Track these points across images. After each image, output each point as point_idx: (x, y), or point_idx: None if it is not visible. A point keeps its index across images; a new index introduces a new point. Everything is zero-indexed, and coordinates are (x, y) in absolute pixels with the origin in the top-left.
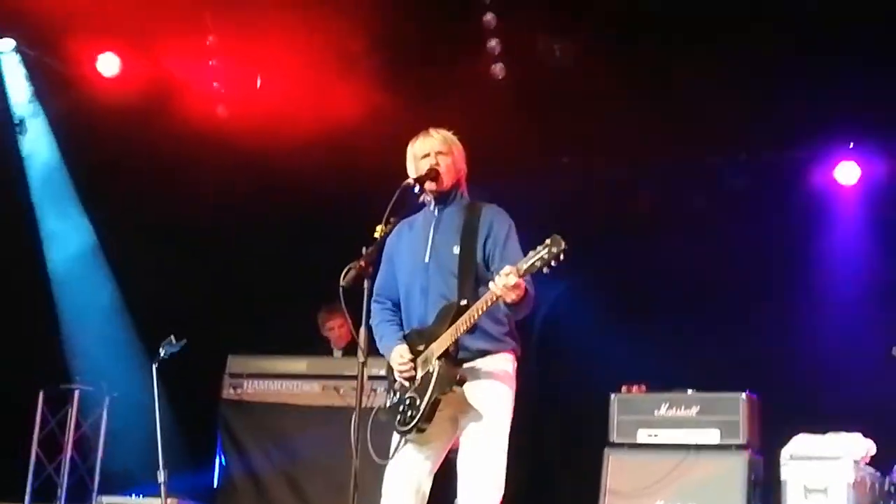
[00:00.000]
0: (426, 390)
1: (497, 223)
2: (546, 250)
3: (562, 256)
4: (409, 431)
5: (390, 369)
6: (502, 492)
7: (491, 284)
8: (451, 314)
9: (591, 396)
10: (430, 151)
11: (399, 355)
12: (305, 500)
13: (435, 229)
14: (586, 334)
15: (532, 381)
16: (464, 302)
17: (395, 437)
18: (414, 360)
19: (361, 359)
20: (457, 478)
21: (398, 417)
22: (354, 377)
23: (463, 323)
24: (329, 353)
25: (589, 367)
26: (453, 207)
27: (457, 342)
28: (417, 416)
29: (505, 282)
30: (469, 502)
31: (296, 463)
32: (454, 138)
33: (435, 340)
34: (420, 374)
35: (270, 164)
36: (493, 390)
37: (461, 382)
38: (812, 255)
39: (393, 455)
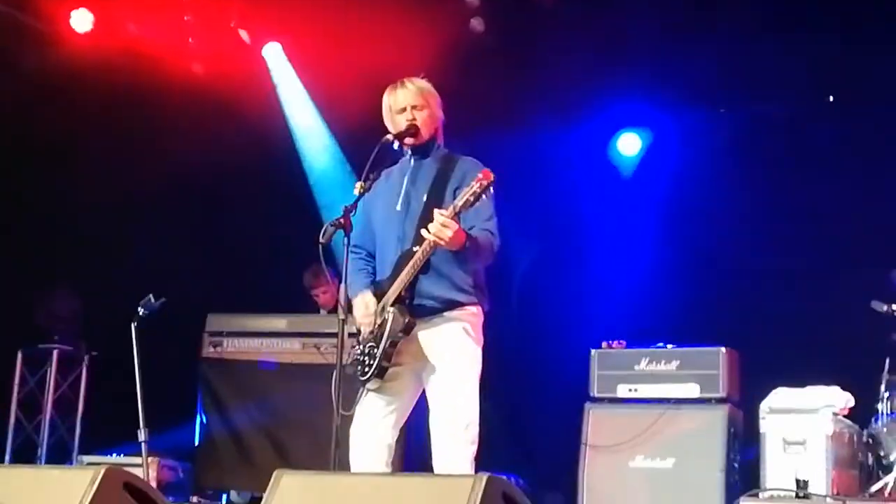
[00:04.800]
0: (381, 338)
1: (470, 175)
2: (477, 184)
3: (490, 189)
4: (368, 380)
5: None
6: (475, 444)
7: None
8: (406, 261)
9: (571, 352)
10: (406, 105)
11: (364, 306)
12: (286, 457)
13: (410, 179)
14: (565, 291)
15: (512, 338)
16: (416, 249)
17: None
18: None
19: (341, 315)
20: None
21: (358, 368)
22: (335, 335)
23: (411, 268)
24: (317, 311)
25: (569, 324)
26: (430, 158)
27: (410, 287)
28: (374, 364)
29: (435, 220)
30: (442, 458)
31: (276, 420)
32: (430, 87)
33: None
34: (378, 322)
35: (250, 120)
36: (456, 345)
37: (411, 326)
38: (790, 208)
39: (354, 406)
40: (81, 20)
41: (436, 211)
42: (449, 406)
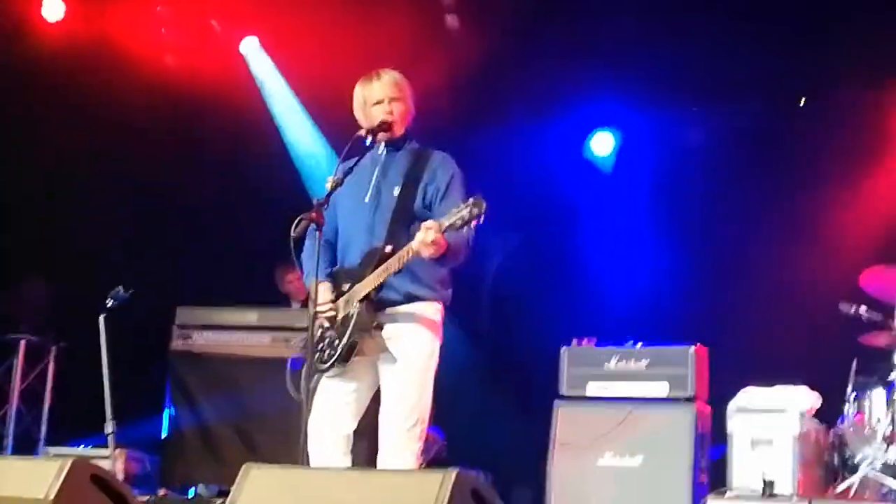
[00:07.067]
0: (345, 332)
1: (441, 170)
2: (467, 210)
3: (482, 218)
4: (327, 370)
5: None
6: (423, 441)
7: (414, 241)
8: (376, 258)
9: (542, 350)
10: (383, 98)
11: (321, 295)
12: (254, 451)
13: (381, 172)
14: (538, 289)
15: (484, 334)
16: (388, 248)
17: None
18: (336, 301)
19: (312, 310)
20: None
21: (317, 355)
22: (305, 329)
23: (384, 271)
24: (288, 306)
25: (540, 321)
26: (403, 152)
27: (379, 287)
28: (335, 356)
29: (423, 237)
30: (389, 451)
31: (245, 414)
32: (403, 79)
33: (360, 282)
34: (342, 314)
35: (222, 112)
36: (414, 339)
37: (378, 328)
38: (762, 207)
39: (311, 392)
40: (53, 9)
41: (424, 225)
42: (403, 401)
